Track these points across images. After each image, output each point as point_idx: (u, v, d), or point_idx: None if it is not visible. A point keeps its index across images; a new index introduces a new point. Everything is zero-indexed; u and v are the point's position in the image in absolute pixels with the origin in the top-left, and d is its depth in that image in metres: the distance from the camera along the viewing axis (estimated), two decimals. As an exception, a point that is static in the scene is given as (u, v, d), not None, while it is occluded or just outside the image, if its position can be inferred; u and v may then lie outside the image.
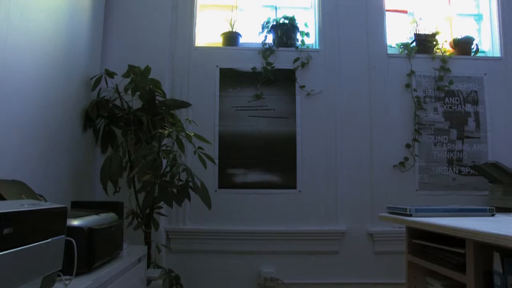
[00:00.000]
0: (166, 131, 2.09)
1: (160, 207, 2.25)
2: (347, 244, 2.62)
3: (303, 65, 2.69)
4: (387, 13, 2.88)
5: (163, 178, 2.09)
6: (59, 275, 1.19)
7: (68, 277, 1.23)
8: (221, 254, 2.56)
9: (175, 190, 2.08)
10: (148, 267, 2.23)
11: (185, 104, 2.57)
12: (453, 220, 1.20)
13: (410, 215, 1.36)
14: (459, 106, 2.76)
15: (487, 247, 1.06)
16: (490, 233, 0.90)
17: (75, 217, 1.44)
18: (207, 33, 2.87)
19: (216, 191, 2.61)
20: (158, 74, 2.51)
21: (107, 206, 1.82)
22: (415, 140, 2.71)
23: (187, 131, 2.15)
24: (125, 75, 2.37)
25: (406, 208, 1.39)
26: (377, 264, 2.60)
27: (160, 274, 2.10)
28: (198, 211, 2.54)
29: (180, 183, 2.13)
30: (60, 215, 1.18)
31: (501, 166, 2.27)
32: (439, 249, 1.29)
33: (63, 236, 1.18)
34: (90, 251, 1.39)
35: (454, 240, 1.20)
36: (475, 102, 2.77)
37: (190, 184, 2.10)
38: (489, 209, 1.41)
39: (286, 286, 2.55)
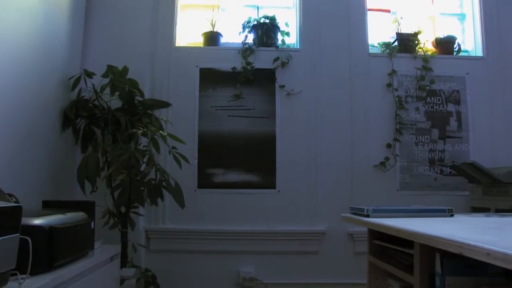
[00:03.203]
0: (140, 131, 2.10)
1: (137, 207, 2.25)
2: (327, 244, 2.62)
3: (283, 64, 2.69)
4: (370, 12, 2.88)
5: (137, 178, 2.10)
6: (15, 274, 1.20)
7: (24, 276, 1.23)
8: (200, 254, 2.57)
9: (148, 189, 2.09)
10: (125, 266, 2.24)
11: (165, 104, 2.59)
12: (404, 221, 1.20)
13: (368, 216, 1.36)
14: (441, 105, 2.75)
15: (433, 248, 1.06)
16: (428, 235, 0.90)
17: (38, 216, 1.45)
18: (189, 33, 2.88)
19: (195, 190, 2.62)
20: (138, 74, 2.52)
21: (78, 205, 1.83)
22: (396, 140, 2.70)
23: (161, 131, 2.16)
24: (104, 75, 2.39)
25: (363, 209, 1.39)
26: (358, 264, 2.59)
27: (134, 274, 2.11)
28: (177, 211, 2.52)
29: (155, 182, 2.14)
30: (13, 213, 1.18)
31: (478, 166, 2.26)
32: (394, 250, 1.28)
33: (17, 234, 1.19)
34: (51, 250, 1.39)
35: (409, 242, 1.19)
36: (457, 102, 2.76)
37: (164, 183, 2.11)
38: (448, 209, 1.40)
39: (265, 286, 2.55)
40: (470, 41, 2.91)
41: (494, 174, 2.23)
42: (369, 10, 2.84)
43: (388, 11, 2.92)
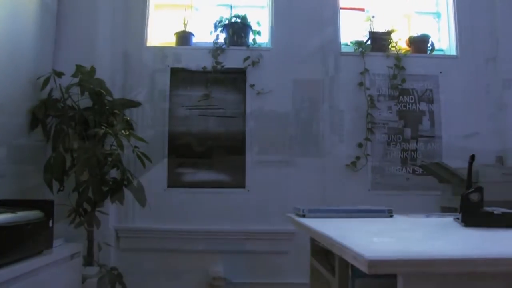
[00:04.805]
0: (102, 131, 2.11)
1: (102, 205, 2.27)
2: (297, 244, 2.60)
3: (254, 64, 2.68)
4: (344, 11, 2.86)
5: (98, 177, 2.11)
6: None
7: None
8: (170, 252, 2.57)
9: (109, 188, 2.10)
10: (91, 265, 2.26)
11: (134, 104, 2.59)
12: (332, 222, 1.19)
13: (304, 216, 1.35)
14: (414, 104, 2.73)
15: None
16: (324, 235, 0.90)
17: (-15, 215, 1.46)
18: (162, 33, 2.88)
19: (165, 190, 2.62)
20: (109, 73, 2.54)
21: (36, 204, 1.84)
22: (367, 139, 2.69)
23: (123, 130, 2.17)
24: (74, 75, 2.40)
25: (300, 208, 1.38)
26: (328, 264, 2.58)
27: (96, 272, 2.13)
28: (147, 210, 2.54)
29: (118, 181, 2.15)
30: None
31: (444, 166, 2.24)
32: (329, 252, 1.28)
33: None
34: (-9, 248, 1.40)
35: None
36: (430, 101, 2.73)
37: (125, 182, 2.12)
38: (388, 210, 1.39)
39: (234, 286, 2.55)
40: (445, 39, 2.88)
41: (459, 174, 2.20)
42: (342, 8, 2.82)
43: (363, 9, 2.90)
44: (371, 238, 0.84)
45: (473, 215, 1.04)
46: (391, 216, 1.38)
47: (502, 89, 2.70)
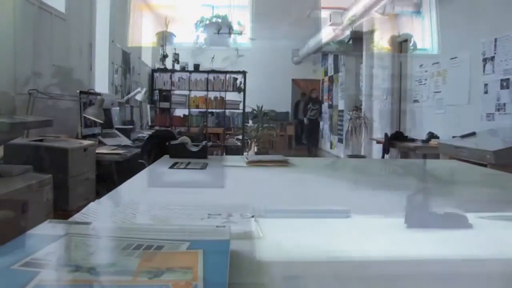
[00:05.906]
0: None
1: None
2: (278, 243, 2.61)
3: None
4: (327, 10, 2.85)
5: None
6: None
7: None
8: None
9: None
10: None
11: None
12: (278, 222, 1.19)
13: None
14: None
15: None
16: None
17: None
18: (145, 33, 2.89)
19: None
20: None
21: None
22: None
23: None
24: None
25: (258, 209, 1.38)
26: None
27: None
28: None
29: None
30: None
31: (421, 166, 2.22)
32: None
33: None
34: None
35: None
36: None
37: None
38: (345, 210, 1.38)
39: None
40: (428, 39, 2.85)
41: (435, 175, 2.19)
42: (323, 8, 2.81)
43: (344, 8, 2.88)
44: (298, 240, 0.83)
45: (415, 215, 1.04)
46: (348, 216, 1.37)
47: (499, 89, 2.65)
